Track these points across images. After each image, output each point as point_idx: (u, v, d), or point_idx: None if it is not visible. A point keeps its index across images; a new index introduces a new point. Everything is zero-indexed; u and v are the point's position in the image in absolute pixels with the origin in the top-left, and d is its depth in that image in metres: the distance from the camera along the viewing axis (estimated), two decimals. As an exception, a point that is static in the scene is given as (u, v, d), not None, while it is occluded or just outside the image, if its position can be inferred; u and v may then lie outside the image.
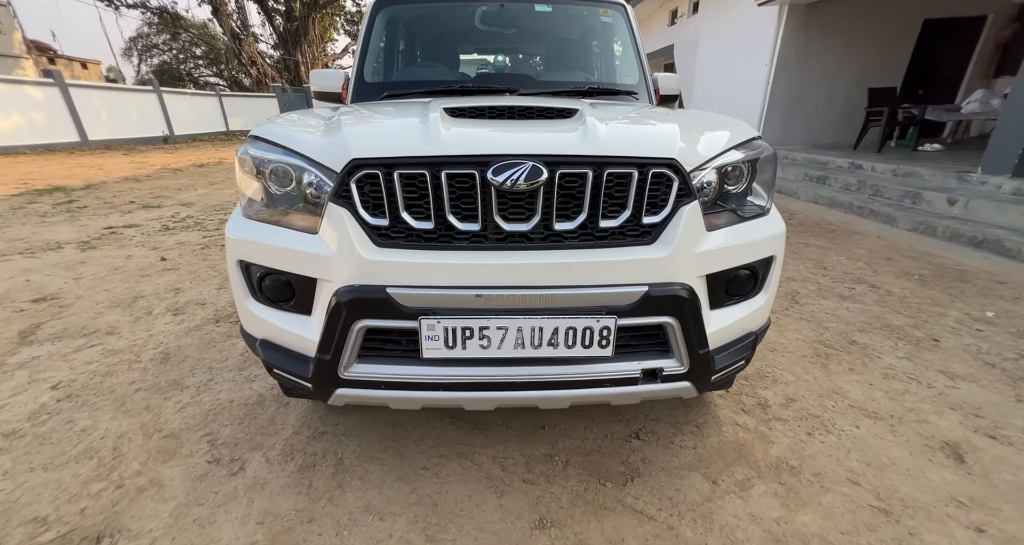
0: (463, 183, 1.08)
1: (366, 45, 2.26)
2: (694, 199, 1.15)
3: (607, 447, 1.56)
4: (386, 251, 1.10)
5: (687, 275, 1.15)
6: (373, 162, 1.07)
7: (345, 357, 1.14)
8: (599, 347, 1.12)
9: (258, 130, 1.28)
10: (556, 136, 1.16)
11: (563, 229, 1.12)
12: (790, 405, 1.76)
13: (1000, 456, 1.47)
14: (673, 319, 1.14)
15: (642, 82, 2.28)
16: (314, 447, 1.56)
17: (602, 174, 1.09)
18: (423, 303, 1.08)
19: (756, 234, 1.27)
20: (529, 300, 1.09)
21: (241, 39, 24.36)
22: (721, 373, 1.27)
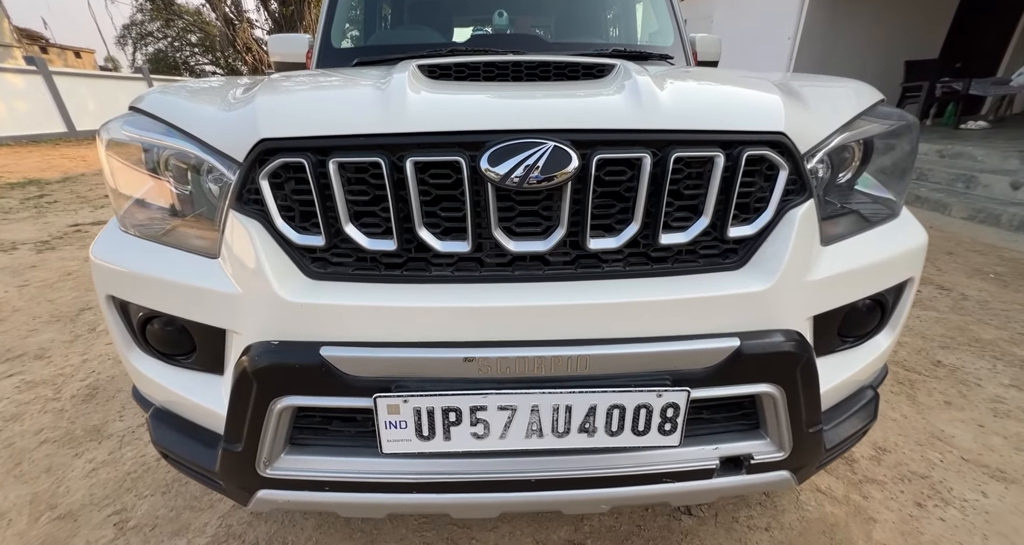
0: (442, 177, 0.67)
1: (333, 4, 1.81)
2: (810, 197, 0.73)
3: (649, 529, 1.16)
4: (321, 286, 0.69)
5: (796, 316, 0.73)
6: (295, 144, 0.66)
7: (265, 448, 0.73)
8: (660, 434, 0.71)
9: (139, 100, 0.85)
10: (590, 101, 0.73)
11: (602, 248, 0.70)
12: (883, 458, 1.35)
13: None
14: (775, 387, 0.73)
15: (678, 43, 1.82)
16: (256, 531, 1.17)
17: (666, 160, 0.67)
18: (380, 371, 0.67)
19: (890, 247, 0.84)
20: (550, 364, 0.68)
21: (235, 25, 23.60)
22: (832, 453, 0.87)
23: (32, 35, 27.87)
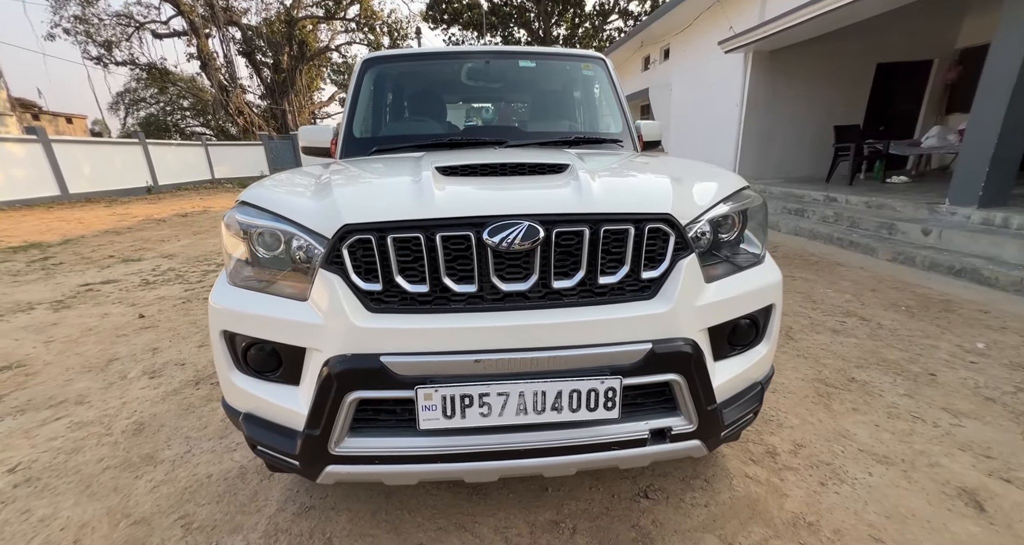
0: (458, 245, 1.06)
1: (355, 102, 2.30)
2: (692, 252, 1.15)
3: (615, 509, 1.47)
4: (379, 317, 1.06)
5: (690, 329, 1.13)
6: (365, 227, 1.05)
7: (336, 432, 1.06)
8: (605, 409, 1.07)
9: (246, 195, 1.25)
10: (551, 193, 1.16)
11: (562, 287, 1.10)
12: (799, 452, 1.71)
13: (1019, 502, 1.42)
14: (679, 376, 1.10)
15: (625, 130, 2.35)
16: (300, 526, 1.44)
17: (599, 231, 1.09)
18: (419, 371, 1.03)
19: (754, 283, 1.26)
20: (531, 363, 1.05)
21: (229, 91, 24.98)
22: (731, 428, 1.23)
23: (25, 103, 28.78)
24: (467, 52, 2.52)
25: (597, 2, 22.09)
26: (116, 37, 23.12)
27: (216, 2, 21.51)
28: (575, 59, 2.55)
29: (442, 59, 2.50)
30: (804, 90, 8.50)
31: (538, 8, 21.75)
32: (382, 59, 2.41)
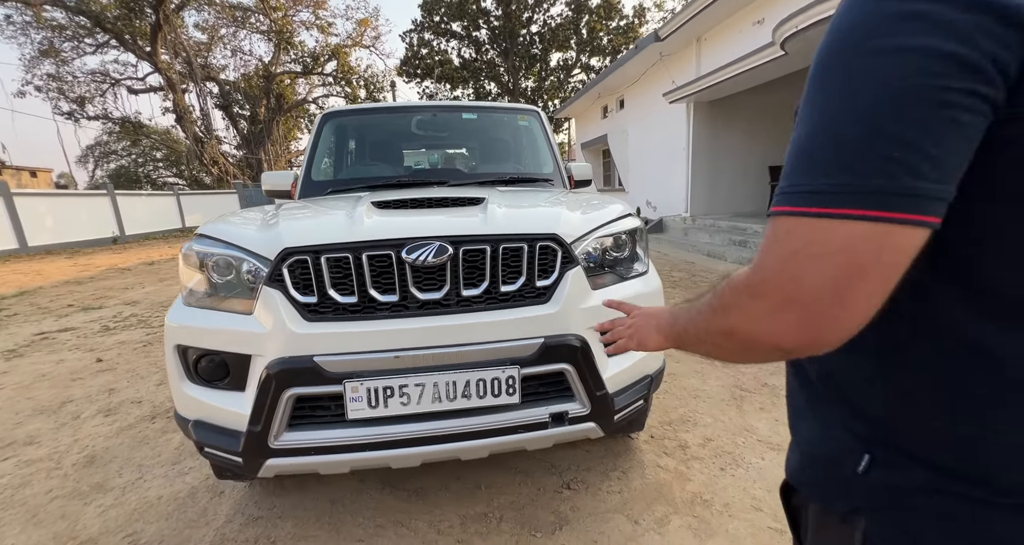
0: (382, 262, 1.30)
1: (314, 149, 2.59)
2: (577, 265, 1.41)
3: (540, 500, 1.63)
4: (314, 325, 1.26)
5: (578, 327, 1.37)
6: (303, 249, 1.28)
7: (275, 427, 1.23)
8: (507, 395, 1.28)
9: (203, 229, 1.47)
10: (460, 220, 1.42)
11: (470, 295, 1.33)
12: (707, 445, 1.92)
13: None
14: (569, 365, 1.33)
15: (556, 171, 2.69)
16: (246, 533, 1.54)
17: (498, 248, 1.34)
18: (346, 368, 1.23)
19: (636, 290, 1.53)
20: (442, 358, 1.26)
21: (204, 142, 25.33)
22: (623, 412, 1.44)
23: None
24: (416, 106, 2.87)
25: (561, 58, 23.98)
26: (90, 93, 23.44)
27: (195, 60, 22.31)
28: (512, 112, 2.93)
29: (394, 113, 2.85)
30: (743, 135, 9.38)
31: (507, 64, 23.41)
32: (340, 113, 2.73)
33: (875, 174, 0.33)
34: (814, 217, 0.36)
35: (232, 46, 24.21)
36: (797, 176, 0.38)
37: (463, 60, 24.08)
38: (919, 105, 0.32)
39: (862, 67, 0.35)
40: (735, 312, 0.44)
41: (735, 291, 0.44)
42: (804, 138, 0.38)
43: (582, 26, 22.47)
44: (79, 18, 17.56)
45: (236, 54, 24.76)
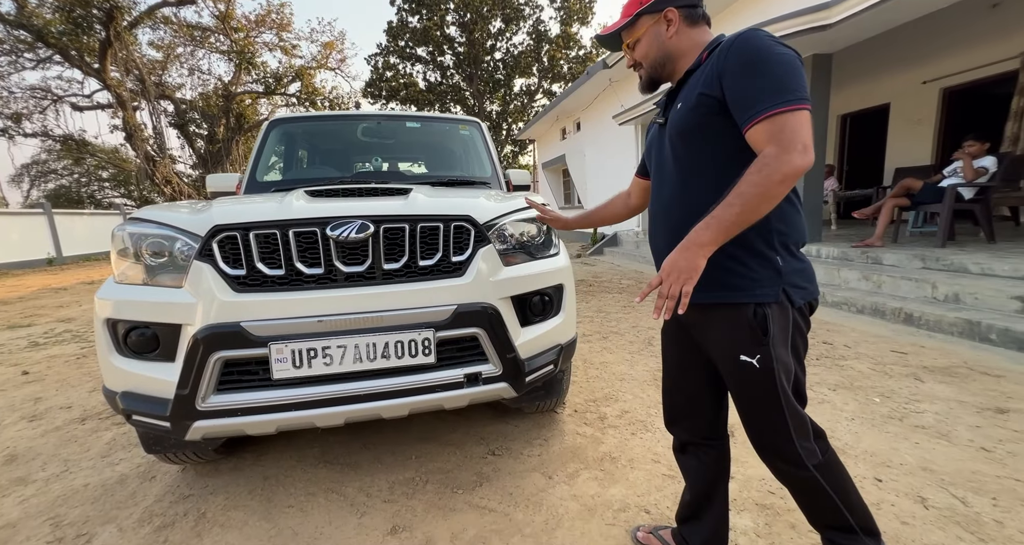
0: (308, 238, 1.43)
1: (259, 153, 2.69)
2: (488, 243, 1.59)
3: (466, 465, 1.75)
4: (242, 295, 1.37)
5: (489, 297, 1.53)
6: (232, 226, 1.39)
7: (202, 389, 1.32)
8: (423, 355, 1.42)
9: (137, 212, 1.56)
10: (383, 204, 1.58)
11: (391, 268, 1.48)
12: (623, 416, 2.10)
13: None
14: (481, 330, 1.49)
15: (494, 176, 2.90)
16: (175, 509, 1.58)
17: (417, 227, 1.50)
18: (271, 332, 1.34)
19: (544, 268, 1.71)
20: (362, 322, 1.39)
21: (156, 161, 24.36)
22: (534, 374, 1.60)
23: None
24: (362, 115, 3.03)
25: (524, 83, 24.91)
26: (28, 109, 22.23)
27: (148, 78, 21.69)
28: (454, 122, 3.15)
29: (340, 120, 3.00)
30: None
31: (472, 88, 24.07)
32: (286, 120, 2.86)
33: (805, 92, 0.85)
34: (804, 110, 0.84)
35: (190, 65, 23.72)
36: (791, 93, 0.84)
37: (428, 83, 24.60)
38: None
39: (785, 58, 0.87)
40: (783, 164, 0.81)
41: (775, 157, 0.82)
42: (780, 81, 0.85)
43: (543, 54, 23.53)
44: (19, 32, 16.83)
45: (194, 73, 24.28)
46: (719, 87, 0.91)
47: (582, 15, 23.17)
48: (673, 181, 1.04)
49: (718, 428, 1.19)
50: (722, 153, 0.96)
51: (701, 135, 0.97)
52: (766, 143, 0.84)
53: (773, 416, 0.97)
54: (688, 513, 1.25)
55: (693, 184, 1.00)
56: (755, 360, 0.94)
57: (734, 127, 0.91)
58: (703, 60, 0.99)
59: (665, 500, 1.50)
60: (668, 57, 1.07)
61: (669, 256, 0.90)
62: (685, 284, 0.87)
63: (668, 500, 1.50)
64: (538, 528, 1.41)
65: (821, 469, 1.00)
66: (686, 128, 0.98)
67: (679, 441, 1.24)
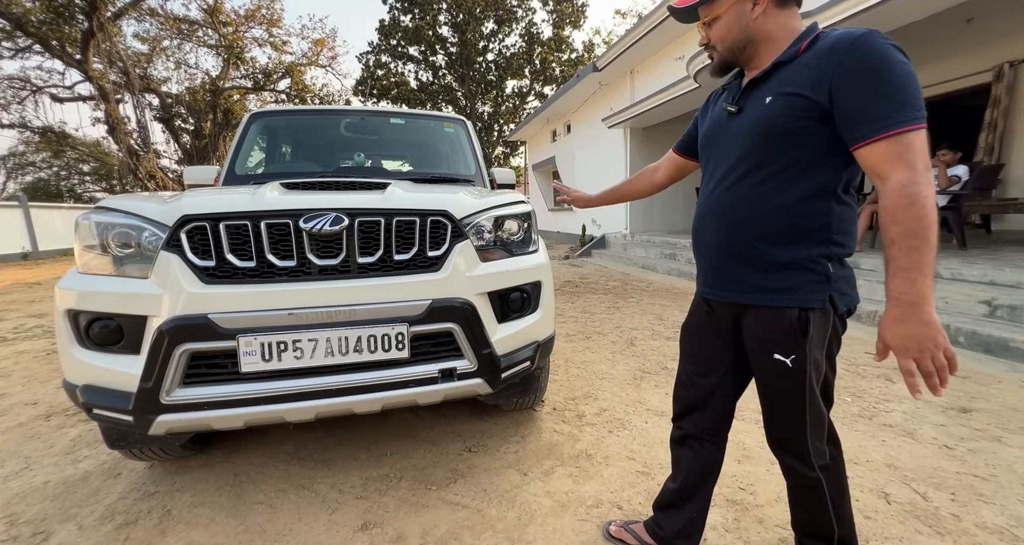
0: (281, 230, 1.41)
1: (239, 146, 2.65)
2: (465, 238, 1.58)
3: (442, 461, 1.74)
4: (211, 287, 1.34)
5: (465, 292, 1.53)
6: (202, 216, 1.37)
7: (167, 383, 1.29)
8: (397, 350, 1.41)
9: (104, 202, 1.52)
10: (359, 197, 1.56)
11: (365, 262, 1.47)
12: (601, 414, 2.11)
13: (733, 427, 1.91)
14: (456, 325, 1.48)
15: (478, 173, 2.89)
16: (139, 506, 1.54)
17: (392, 221, 1.49)
18: (240, 324, 1.31)
19: (522, 264, 1.71)
20: (335, 315, 1.37)
21: (140, 156, 23.78)
22: (510, 371, 1.60)
23: None
24: (345, 110, 3.01)
25: (516, 85, 24.97)
26: (6, 100, 21.59)
27: (132, 70, 21.21)
28: (439, 119, 3.14)
29: (322, 115, 2.97)
30: (674, 159, 10.17)
31: (464, 88, 24.05)
32: (267, 113, 2.82)
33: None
34: (924, 129, 0.79)
35: (176, 59, 23.29)
36: (915, 110, 0.78)
37: (420, 83, 24.51)
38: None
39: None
40: (922, 187, 0.77)
41: (915, 184, 0.78)
42: (904, 94, 0.79)
43: (535, 57, 23.62)
44: (-2, 21, 16.37)
45: (181, 67, 23.83)
46: (826, 93, 0.83)
47: (574, 19, 23.33)
48: (739, 176, 0.98)
49: (723, 425, 1.20)
50: (806, 157, 0.90)
51: (788, 138, 0.90)
52: (888, 164, 0.79)
53: (794, 413, 0.98)
54: (669, 501, 1.25)
55: (765, 184, 0.94)
56: (789, 360, 0.94)
57: (829, 135, 0.86)
58: (800, 52, 0.89)
59: (638, 496, 1.51)
60: (749, 41, 0.96)
61: (898, 329, 0.80)
62: (945, 349, 0.78)
63: (641, 496, 1.51)
64: (510, 524, 1.40)
65: (826, 471, 1.02)
66: (773, 128, 0.91)
67: (681, 433, 1.24)
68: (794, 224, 0.93)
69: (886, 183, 0.80)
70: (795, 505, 1.10)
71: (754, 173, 0.96)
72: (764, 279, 0.96)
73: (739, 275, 1.00)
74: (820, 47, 0.86)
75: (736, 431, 1.87)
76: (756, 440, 1.81)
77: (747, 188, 0.97)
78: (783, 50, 0.93)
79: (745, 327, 1.03)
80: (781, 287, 0.94)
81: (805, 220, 0.92)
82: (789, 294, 0.93)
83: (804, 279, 0.92)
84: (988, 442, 1.78)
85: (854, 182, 0.95)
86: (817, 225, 0.92)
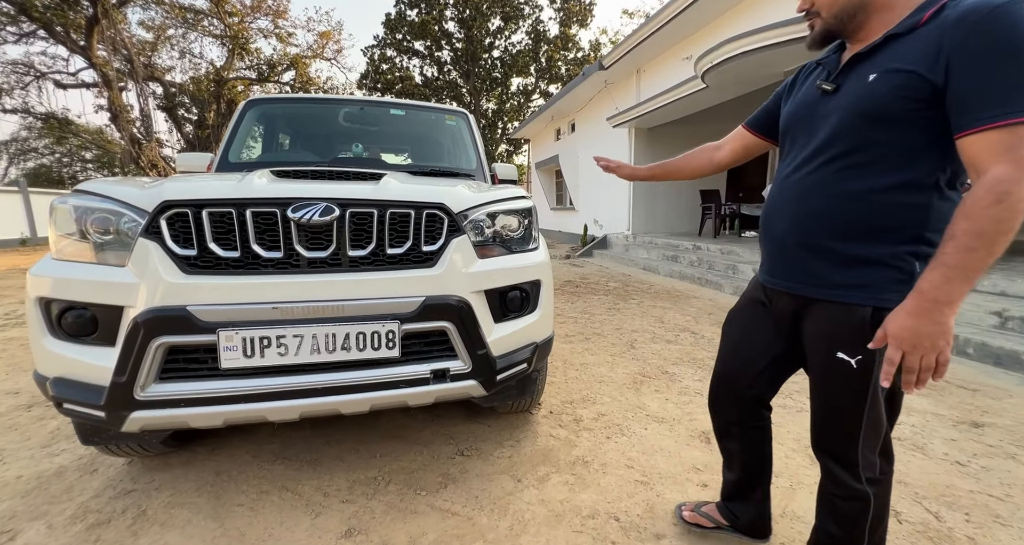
0: (267, 219, 1.33)
1: (233, 134, 2.57)
2: (463, 233, 1.51)
3: (432, 465, 1.67)
4: (192, 277, 1.26)
5: (460, 289, 1.45)
6: (183, 203, 1.29)
7: (142, 377, 1.21)
8: (387, 348, 1.34)
9: (81, 185, 1.44)
10: (351, 187, 1.49)
11: (356, 255, 1.39)
12: (600, 419, 2.04)
13: None
14: (450, 324, 1.41)
15: (478, 168, 2.81)
16: (114, 505, 1.47)
17: (386, 213, 1.42)
18: (221, 317, 1.24)
19: (521, 262, 1.64)
20: (322, 311, 1.30)
21: (142, 144, 23.65)
22: (505, 373, 1.52)
23: None
24: (344, 99, 2.93)
25: (521, 83, 24.85)
26: (9, 85, 21.47)
27: (137, 58, 21.08)
28: (440, 112, 3.06)
29: (320, 104, 2.89)
30: (678, 160, 10.08)
31: (469, 85, 23.92)
32: (264, 101, 2.74)
33: None
34: None
35: (181, 48, 23.16)
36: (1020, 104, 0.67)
37: (425, 78, 24.39)
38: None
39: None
40: (1022, 189, 0.67)
41: (1015, 183, 0.67)
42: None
43: (541, 55, 23.50)
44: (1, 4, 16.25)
45: (185, 56, 23.69)
46: (943, 71, 0.73)
47: (581, 17, 23.20)
48: (825, 160, 0.89)
49: (764, 413, 1.20)
50: (908, 144, 0.80)
51: (889, 121, 0.80)
52: (992, 157, 0.69)
53: (850, 417, 0.92)
54: (734, 492, 1.28)
55: (853, 171, 0.85)
56: (854, 360, 0.88)
57: (939, 120, 0.76)
58: (920, 24, 0.77)
59: (636, 507, 1.44)
60: (862, 7, 0.84)
61: (906, 321, 0.75)
62: (941, 353, 0.74)
63: (639, 508, 1.44)
64: (502, 534, 1.33)
65: (874, 486, 0.95)
66: (874, 109, 0.80)
67: (723, 423, 1.25)
68: (883, 217, 0.83)
69: (981, 178, 0.71)
70: (827, 519, 1.02)
71: (842, 158, 0.87)
72: (838, 273, 0.89)
73: (810, 266, 0.93)
74: (946, 17, 0.74)
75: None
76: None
77: (831, 174, 0.88)
78: (899, 20, 0.81)
79: (808, 322, 0.97)
80: (856, 283, 0.87)
81: (897, 214, 0.82)
82: (864, 291, 0.86)
83: (883, 276, 0.84)
84: (1002, 459, 1.71)
85: (962, 176, 0.83)
86: (910, 220, 0.82)
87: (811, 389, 1.01)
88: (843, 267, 0.88)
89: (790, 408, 2.13)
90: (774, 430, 1.84)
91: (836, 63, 0.92)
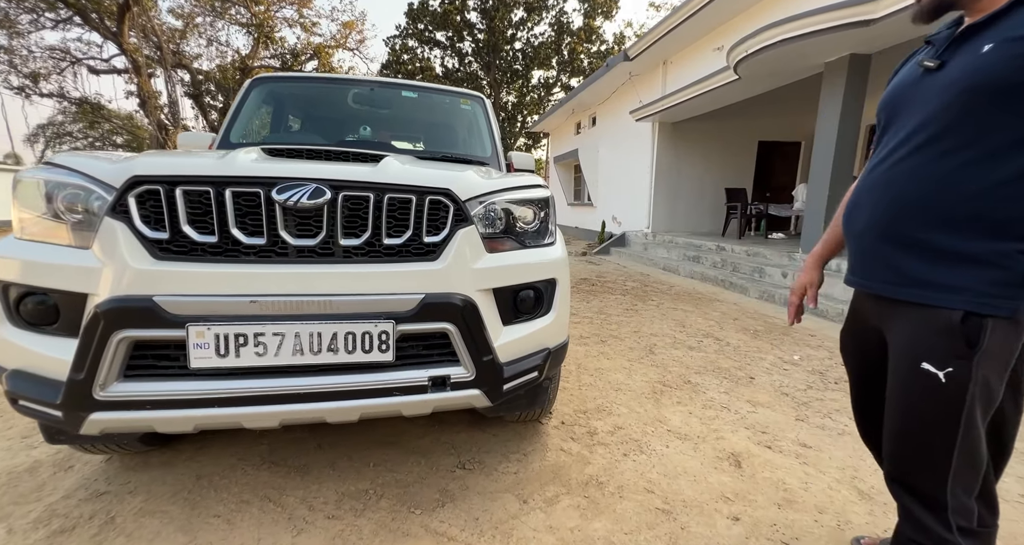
0: (249, 201, 1.18)
1: (237, 111, 2.44)
2: (470, 224, 1.33)
3: (430, 478, 1.51)
4: (162, 263, 1.12)
5: (466, 287, 1.28)
6: (155, 179, 1.14)
7: (102, 375, 1.07)
8: (379, 351, 1.18)
9: (51, 157, 1.31)
10: (347, 168, 1.32)
11: (349, 245, 1.23)
12: (616, 432, 1.85)
13: (767, 461, 1.64)
14: (452, 325, 1.24)
15: (493, 156, 2.63)
16: (83, 509, 1.35)
17: (384, 198, 1.25)
18: (192, 310, 1.09)
19: (535, 258, 1.46)
20: (306, 306, 1.14)
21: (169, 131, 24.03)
22: (513, 382, 1.35)
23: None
24: (354, 80, 2.78)
25: (543, 76, 24.46)
26: (46, 70, 22.02)
27: (166, 46, 21.38)
28: (455, 95, 2.87)
29: (329, 83, 2.74)
30: (702, 158, 9.71)
31: (489, 77, 23.65)
32: (270, 79, 2.61)
33: None
34: None
35: (208, 36, 23.41)
36: None
37: (445, 69, 24.20)
38: None
39: None
40: None
41: None
42: None
43: (564, 47, 23.05)
44: (40, -9, 16.61)
45: (212, 44, 23.95)
46: None
47: (606, 9, 22.66)
48: (919, 144, 0.78)
49: None
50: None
51: (1005, 97, 0.70)
52: None
53: (935, 444, 0.77)
54: None
55: (956, 155, 0.74)
56: (942, 373, 0.74)
57: None
58: None
59: (658, 542, 1.25)
60: None
61: None
62: None
63: (661, 542, 1.25)
64: (502, 566, 1.16)
65: (968, 538, 0.77)
66: (987, 82, 0.71)
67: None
68: (991, 208, 0.72)
69: None
70: None
71: (941, 140, 0.76)
72: (926, 270, 0.76)
73: (894, 262, 0.80)
74: None
75: (774, 467, 1.59)
76: (799, 480, 1.53)
77: (927, 159, 0.77)
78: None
79: (891, 328, 0.84)
80: (948, 283, 0.74)
81: (1009, 205, 0.72)
82: (957, 293, 0.73)
83: (983, 276, 0.72)
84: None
85: None
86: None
87: (887, 408, 0.86)
88: (931, 263, 0.76)
89: (830, 430, 1.91)
90: (811, 455, 1.68)
91: (947, 40, 0.79)
